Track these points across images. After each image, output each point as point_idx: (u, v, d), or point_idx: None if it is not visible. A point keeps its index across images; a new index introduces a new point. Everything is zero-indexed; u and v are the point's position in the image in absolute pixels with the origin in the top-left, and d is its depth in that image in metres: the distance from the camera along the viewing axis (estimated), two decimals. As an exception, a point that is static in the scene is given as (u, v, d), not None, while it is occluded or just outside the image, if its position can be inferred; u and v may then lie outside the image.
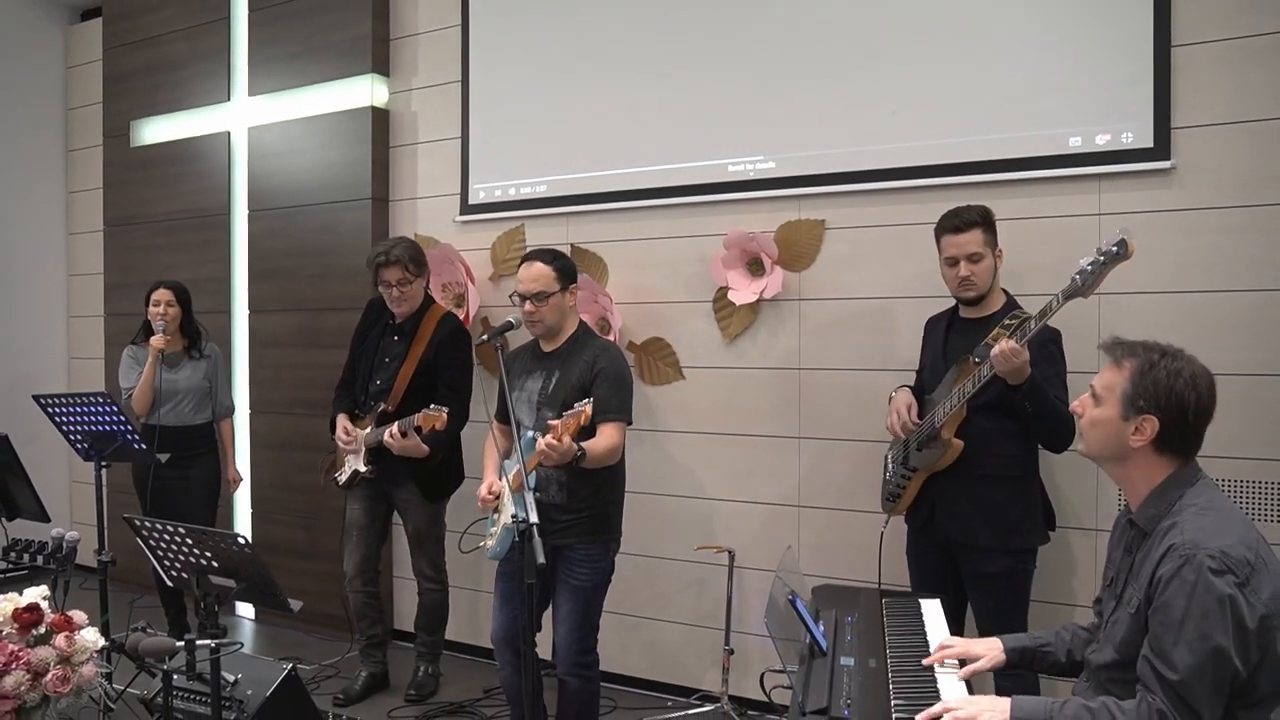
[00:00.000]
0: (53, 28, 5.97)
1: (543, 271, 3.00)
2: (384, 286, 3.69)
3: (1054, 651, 2.06)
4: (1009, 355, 2.50)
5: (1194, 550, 1.68)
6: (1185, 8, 2.93)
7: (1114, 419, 1.84)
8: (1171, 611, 1.68)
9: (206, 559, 2.48)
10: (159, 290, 4.10)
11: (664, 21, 3.82)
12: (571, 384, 2.94)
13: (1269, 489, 2.85)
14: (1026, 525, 2.75)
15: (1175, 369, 1.81)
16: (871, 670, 2.03)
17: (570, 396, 2.88)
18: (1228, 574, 1.64)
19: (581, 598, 2.97)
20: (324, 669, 4.12)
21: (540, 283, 2.99)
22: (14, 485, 3.47)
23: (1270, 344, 2.84)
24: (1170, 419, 1.80)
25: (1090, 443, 1.92)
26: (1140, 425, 1.81)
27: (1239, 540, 1.69)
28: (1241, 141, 2.87)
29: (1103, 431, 1.87)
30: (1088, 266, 2.38)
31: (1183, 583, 1.67)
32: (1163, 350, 1.85)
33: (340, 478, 3.78)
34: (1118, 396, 1.84)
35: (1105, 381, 1.88)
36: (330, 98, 4.63)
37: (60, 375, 5.98)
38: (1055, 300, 2.47)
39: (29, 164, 5.85)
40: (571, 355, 3.02)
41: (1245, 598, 1.64)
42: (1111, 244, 2.34)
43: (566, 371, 2.98)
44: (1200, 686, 1.64)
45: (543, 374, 3.04)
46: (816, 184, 3.52)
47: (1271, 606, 1.66)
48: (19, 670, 2.18)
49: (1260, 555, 1.70)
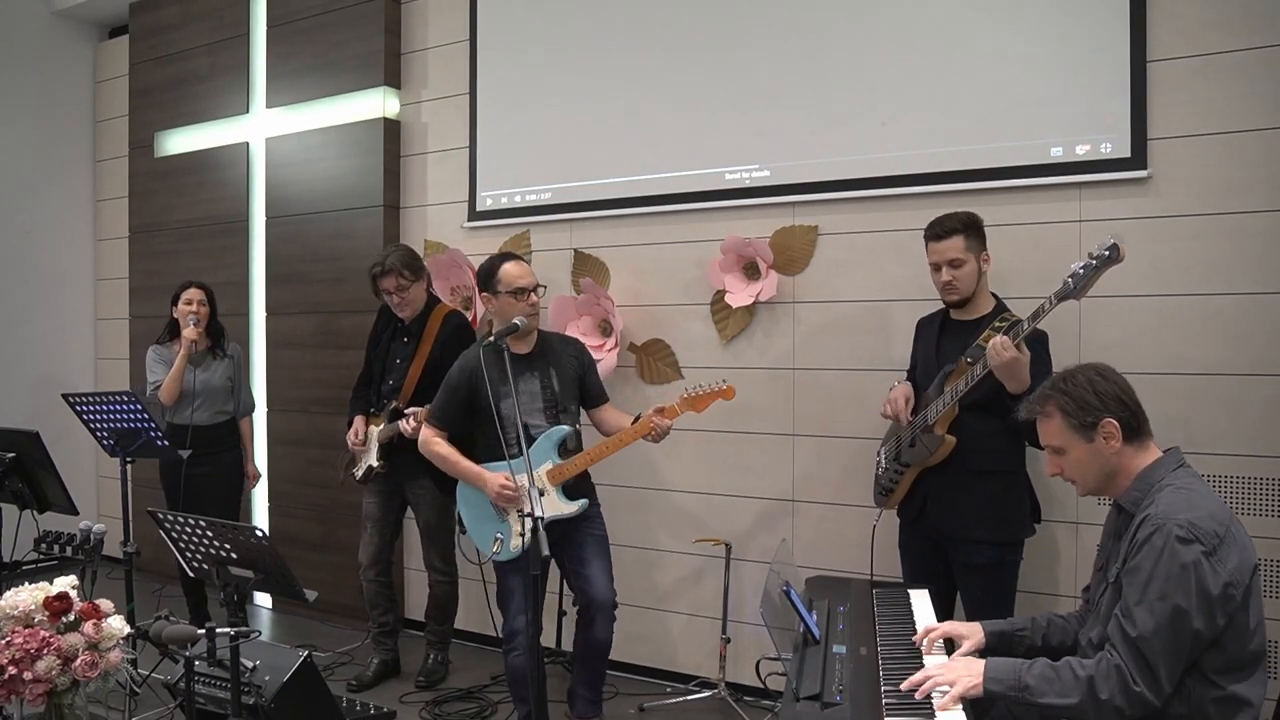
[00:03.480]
0: (83, 45, 6.08)
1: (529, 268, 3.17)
2: (385, 295, 3.77)
3: (1029, 636, 2.15)
4: (999, 349, 2.52)
5: (1165, 520, 1.79)
6: (1160, 25, 2.97)
7: (1085, 449, 1.95)
8: (1139, 574, 1.80)
9: (226, 551, 2.52)
10: (190, 290, 4.16)
11: (664, 36, 3.87)
12: (570, 377, 3.12)
13: (1244, 484, 2.89)
14: (1014, 518, 2.79)
15: (1084, 379, 1.95)
16: (863, 657, 2.08)
17: (573, 389, 3.08)
18: (1195, 543, 1.75)
19: (606, 545, 3.17)
20: (338, 656, 4.20)
21: (534, 277, 3.15)
22: (44, 480, 3.55)
23: (1243, 345, 2.89)
24: (1118, 410, 1.92)
25: (1086, 481, 2.00)
26: (1105, 431, 1.92)
27: (1209, 515, 1.80)
28: (1214, 152, 2.91)
29: (1088, 464, 1.97)
30: (1080, 270, 2.40)
31: (1152, 548, 1.79)
32: (1059, 377, 1.99)
33: (357, 473, 3.88)
34: (1069, 431, 1.95)
35: (1050, 432, 1.99)
36: (344, 110, 4.69)
37: (88, 375, 6.06)
38: (1048, 302, 2.48)
39: (59, 174, 5.96)
40: (553, 352, 3.16)
41: (1210, 565, 1.74)
42: (1103, 248, 2.36)
43: (560, 368, 3.13)
44: (1159, 643, 1.74)
45: (536, 375, 3.11)
46: (810, 191, 3.56)
47: (1235, 576, 1.76)
48: (50, 655, 2.19)
49: (1231, 530, 1.81)
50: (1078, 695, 1.78)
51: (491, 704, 3.67)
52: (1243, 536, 1.84)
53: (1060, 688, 1.80)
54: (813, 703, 1.85)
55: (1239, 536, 1.82)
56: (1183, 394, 2.95)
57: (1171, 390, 2.94)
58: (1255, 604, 1.82)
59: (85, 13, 5.96)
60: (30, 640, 2.20)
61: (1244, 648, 1.79)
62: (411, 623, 4.48)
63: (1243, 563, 1.79)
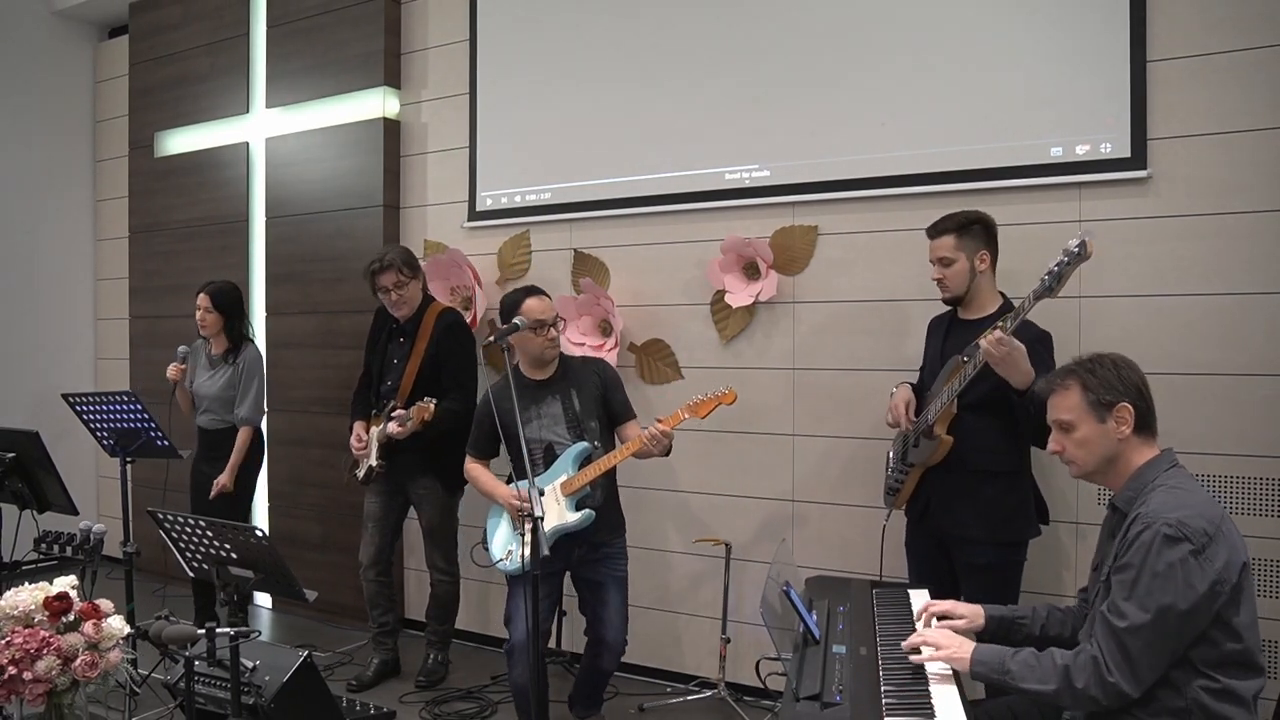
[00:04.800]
0: (83, 45, 6.09)
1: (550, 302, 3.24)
2: (382, 293, 3.77)
3: (1028, 625, 2.18)
4: (994, 344, 2.52)
5: (1154, 518, 1.83)
6: (1160, 26, 2.98)
7: (1095, 428, 1.97)
8: (1128, 571, 1.83)
9: (226, 551, 2.53)
10: (199, 295, 4.11)
11: (664, 38, 3.88)
12: (591, 397, 3.21)
13: (1243, 484, 2.90)
14: (1016, 519, 2.80)
15: (1110, 360, 1.98)
16: (862, 657, 2.08)
17: (594, 405, 3.22)
18: (1183, 541, 1.79)
19: (624, 586, 3.26)
20: (338, 656, 4.20)
21: (554, 310, 3.23)
22: (44, 480, 3.55)
23: (1241, 345, 2.90)
24: (1135, 398, 1.95)
25: (1084, 462, 2.02)
26: (1119, 416, 1.95)
27: (1199, 514, 1.83)
28: (1213, 152, 2.92)
29: (1094, 444, 1.99)
30: (1054, 268, 2.43)
31: (1141, 545, 1.82)
32: (1086, 357, 2.00)
33: (359, 474, 3.89)
34: (1085, 407, 1.97)
35: (1065, 407, 2.00)
36: (344, 110, 4.69)
37: (88, 375, 6.07)
38: (1027, 300, 2.51)
39: (59, 173, 5.97)
40: (574, 375, 3.24)
41: (1198, 563, 1.78)
42: (1073, 245, 2.39)
43: (580, 386, 3.22)
44: (1143, 638, 1.78)
45: (556, 396, 3.20)
46: (810, 191, 3.57)
47: (1224, 574, 1.79)
48: (50, 655, 2.19)
49: (1221, 529, 1.83)
50: (1055, 682, 1.85)
51: (491, 704, 3.67)
52: (1233, 535, 1.86)
53: (1040, 675, 1.87)
54: (813, 703, 1.86)
55: (1229, 535, 1.85)
56: (1182, 394, 2.95)
57: (1171, 390, 2.93)
58: (1247, 601, 1.85)
59: (85, 13, 5.96)
60: (30, 640, 2.20)
61: (1237, 643, 1.82)
62: (411, 623, 4.49)
63: (1232, 561, 1.82)
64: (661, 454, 3.08)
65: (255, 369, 4.17)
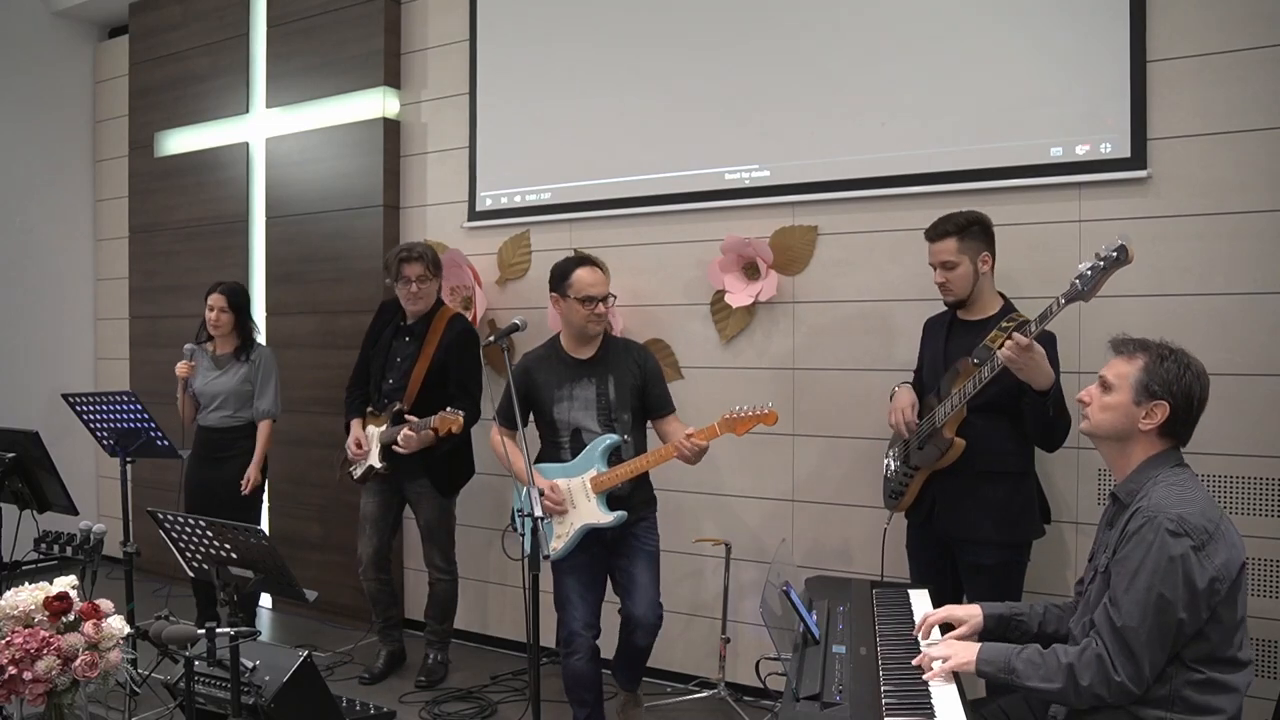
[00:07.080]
0: (83, 45, 6.09)
1: (605, 276, 3.10)
2: (404, 282, 3.74)
3: (1027, 622, 2.19)
4: (1018, 348, 2.47)
5: (1156, 514, 1.84)
6: (1160, 26, 2.98)
7: (1126, 404, 1.98)
8: (1128, 564, 1.85)
9: (226, 551, 2.53)
10: (212, 295, 4.08)
11: (664, 37, 3.88)
12: (629, 385, 3.08)
13: (1243, 484, 2.90)
14: (1023, 520, 2.79)
15: (1185, 363, 1.97)
16: (862, 657, 2.08)
17: (629, 397, 3.07)
18: (1184, 537, 1.81)
19: (656, 560, 3.15)
20: (338, 656, 4.20)
21: (608, 285, 3.09)
22: (44, 480, 3.55)
23: (1242, 345, 2.89)
24: (1179, 405, 1.95)
25: (1099, 424, 2.03)
26: (1152, 410, 1.96)
27: (1200, 511, 1.85)
28: (1213, 152, 2.91)
29: (1115, 415, 2.00)
30: (1087, 271, 2.38)
31: (1141, 539, 1.84)
32: (1170, 347, 2.00)
33: (355, 473, 3.87)
34: (1131, 384, 1.98)
35: (1118, 371, 2.01)
36: (344, 110, 4.69)
37: (88, 375, 6.07)
38: (1056, 303, 2.46)
39: (59, 174, 5.97)
40: (614, 358, 3.11)
41: (1198, 559, 1.80)
42: (1111, 249, 2.34)
43: (620, 374, 3.08)
44: (1143, 633, 1.80)
45: (592, 380, 3.08)
46: (810, 191, 3.57)
47: (1223, 571, 1.81)
48: (50, 655, 2.19)
49: (1220, 527, 1.85)
50: (1060, 680, 1.86)
51: (491, 704, 3.67)
52: (1232, 534, 1.88)
53: (1045, 673, 1.87)
54: (812, 703, 1.86)
55: (1228, 534, 1.87)
56: (1182, 394, 2.94)
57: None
58: (1242, 599, 1.87)
59: (85, 13, 5.96)
60: (30, 640, 2.20)
61: (1227, 640, 1.85)
62: (411, 622, 4.48)
63: (1230, 560, 1.84)
64: (689, 463, 3.00)
65: (272, 364, 4.18)
